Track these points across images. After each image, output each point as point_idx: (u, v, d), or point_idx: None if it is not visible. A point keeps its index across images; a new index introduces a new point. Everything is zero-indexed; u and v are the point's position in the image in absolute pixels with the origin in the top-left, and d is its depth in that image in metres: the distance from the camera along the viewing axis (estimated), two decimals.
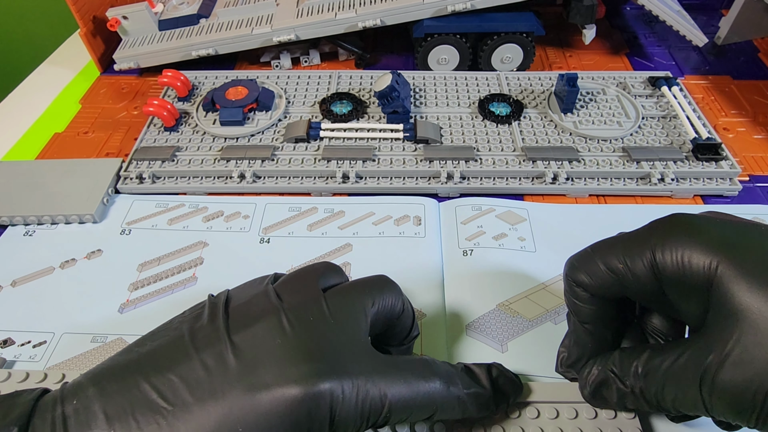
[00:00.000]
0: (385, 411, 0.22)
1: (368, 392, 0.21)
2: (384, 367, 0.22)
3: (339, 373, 0.21)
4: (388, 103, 0.45)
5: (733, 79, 0.53)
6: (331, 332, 0.22)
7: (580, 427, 0.26)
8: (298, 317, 0.22)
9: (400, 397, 0.22)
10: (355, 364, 0.22)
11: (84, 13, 0.52)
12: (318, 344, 0.21)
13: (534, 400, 0.27)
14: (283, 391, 0.20)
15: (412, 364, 0.24)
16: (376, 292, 0.25)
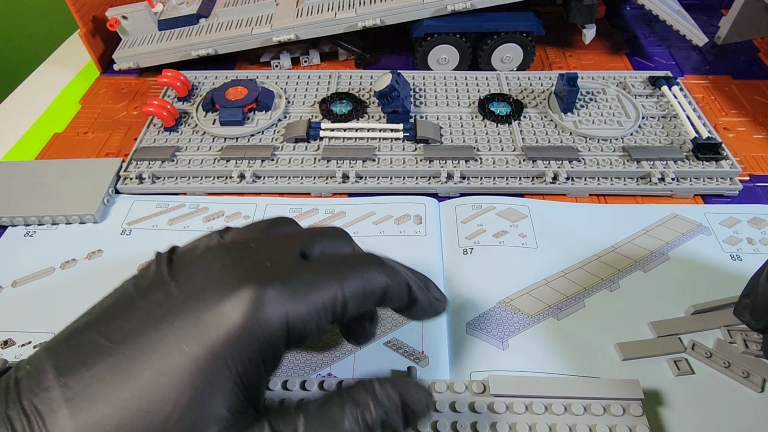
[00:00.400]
0: (339, 301, 0.22)
1: (314, 288, 0.21)
2: (328, 264, 0.23)
3: (281, 278, 0.21)
4: (388, 102, 0.45)
5: (733, 78, 0.53)
6: (271, 249, 0.23)
7: (588, 424, 0.26)
8: (240, 246, 0.23)
9: (350, 287, 0.22)
10: (296, 267, 0.22)
11: (84, 13, 0.52)
12: (259, 261, 0.22)
13: (541, 395, 0.27)
14: (226, 305, 0.20)
15: (354, 257, 0.24)
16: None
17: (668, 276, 0.35)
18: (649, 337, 0.32)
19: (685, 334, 0.32)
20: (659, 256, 0.36)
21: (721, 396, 0.29)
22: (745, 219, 0.39)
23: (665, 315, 0.33)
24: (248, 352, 0.20)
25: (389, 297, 0.24)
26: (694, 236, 0.38)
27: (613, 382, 0.28)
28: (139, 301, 0.21)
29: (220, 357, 0.19)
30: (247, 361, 0.20)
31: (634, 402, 0.27)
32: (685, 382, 0.30)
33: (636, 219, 0.39)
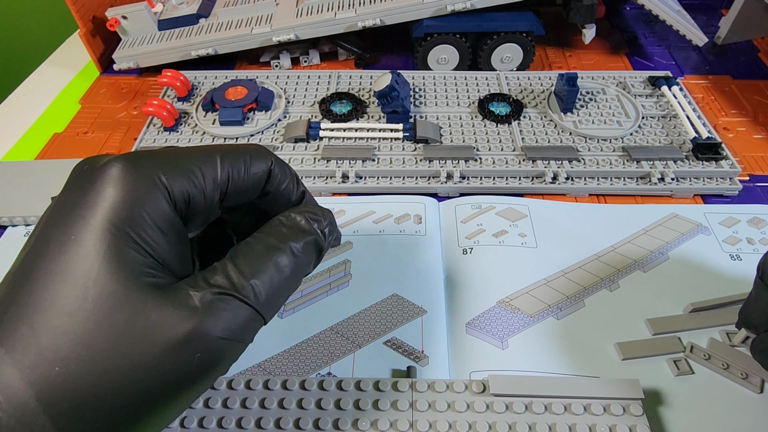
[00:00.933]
0: (218, 166, 0.22)
1: (187, 154, 0.22)
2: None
3: (150, 152, 0.21)
4: (387, 102, 0.45)
5: (733, 78, 0.53)
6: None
7: (588, 423, 0.26)
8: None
9: (230, 155, 0.22)
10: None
11: (83, 13, 0.52)
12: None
13: (541, 395, 0.27)
14: (95, 183, 0.20)
15: (228, 145, 0.24)
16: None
17: (668, 276, 0.35)
18: (647, 335, 0.32)
19: (682, 332, 0.32)
20: (659, 256, 0.36)
21: (720, 396, 0.29)
22: (745, 219, 0.39)
23: (665, 314, 0.33)
24: (136, 219, 0.19)
25: (275, 177, 0.24)
26: (694, 236, 0.38)
27: (613, 381, 0.28)
28: (32, 232, 0.21)
29: (107, 230, 0.19)
30: (140, 229, 0.19)
31: (634, 402, 0.27)
32: (684, 382, 0.30)
33: (636, 219, 0.39)
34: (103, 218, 0.19)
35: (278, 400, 0.27)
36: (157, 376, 0.18)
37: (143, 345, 0.18)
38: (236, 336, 0.20)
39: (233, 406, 0.27)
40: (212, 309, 0.19)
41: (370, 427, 0.27)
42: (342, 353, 0.31)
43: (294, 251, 0.22)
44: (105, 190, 0.19)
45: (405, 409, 0.27)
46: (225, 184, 0.22)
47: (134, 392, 0.18)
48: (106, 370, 0.18)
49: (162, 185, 0.20)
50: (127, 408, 0.18)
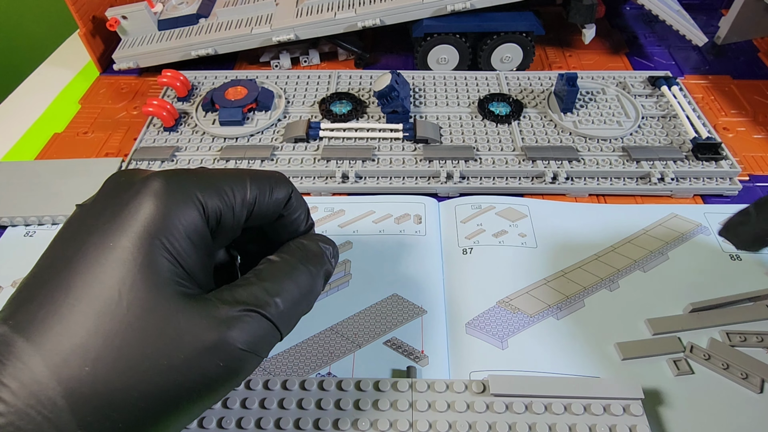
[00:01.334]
0: (249, 189, 0.23)
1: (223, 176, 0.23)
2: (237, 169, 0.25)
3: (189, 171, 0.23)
4: (387, 102, 0.45)
5: (732, 78, 0.53)
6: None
7: (588, 423, 0.26)
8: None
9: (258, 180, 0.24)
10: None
11: (83, 13, 0.52)
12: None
13: (541, 395, 0.27)
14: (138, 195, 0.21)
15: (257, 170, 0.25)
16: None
17: (668, 276, 0.35)
18: (647, 335, 0.32)
19: (682, 332, 0.32)
20: (659, 256, 0.36)
21: (720, 396, 0.29)
22: None
23: (665, 314, 0.33)
24: (171, 230, 0.20)
25: (292, 205, 0.25)
26: (694, 236, 0.38)
27: (614, 381, 0.28)
28: (59, 235, 0.22)
29: (145, 239, 0.20)
30: (175, 240, 0.20)
31: (635, 401, 0.27)
32: (684, 382, 0.30)
33: (635, 219, 0.39)
34: (142, 229, 0.20)
35: (278, 400, 0.27)
36: (181, 381, 0.19)
37: (172, 350, 0.19)
38: (256, 349, 0.21)
39: (233, 407, 0.27)
40: (237, 321, 0.20)
41: (370, 427, 0.27)
42: (342, 353, 0.31)
43: (312, 274, 0.24)
44: (145, 203, 0.21)
45: (405, 409, 0.27)
46: (251, 205, 0.23)
47: (159, 395, 0.19)
48: (134, 373, 0.18)
49: (198, 201, 0.22)
50: (150, 410, 0.19)
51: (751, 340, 0.31)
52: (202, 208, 0.22)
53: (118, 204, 0.21)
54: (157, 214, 0.20)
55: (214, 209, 0.22)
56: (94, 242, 0.20)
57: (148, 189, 0.21)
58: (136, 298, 0.19)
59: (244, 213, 0.23)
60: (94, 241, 0.20)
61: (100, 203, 0.22)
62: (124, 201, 0.21)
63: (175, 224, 0.21)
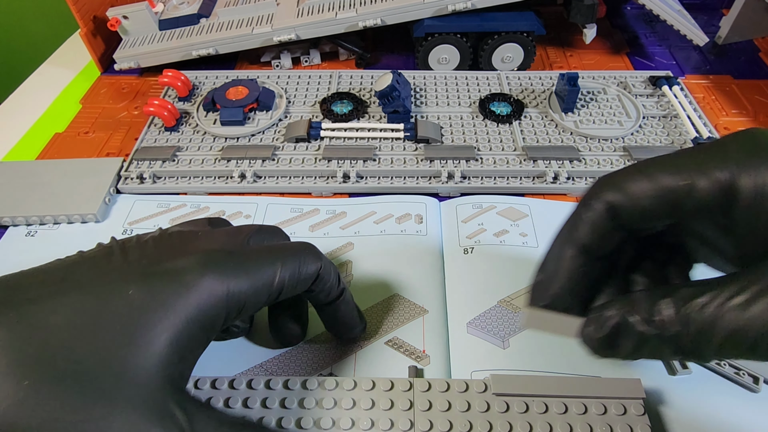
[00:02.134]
0: (278, 279, 0.24)
1: (255, 267, 0.23)
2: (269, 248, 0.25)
3: (226, 255, 0.23)
4: (388, 102, 0.45)
5: (733, 78, 0.53)
6: (219, 236, 0.25)
7: (589, 422, 0.26)
8: (187, 233, 0.25)
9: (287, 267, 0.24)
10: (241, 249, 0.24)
11: (84, 13, 0.53)
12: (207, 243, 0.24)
13: (542, 394, 0.27)
14: (174, 271, 0.22)
15: (292, 243, 0.26)
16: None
17: None
18: None
19: None
20: None
21: (721, 395, 0.29)
22: None
23: None
24: (188, 316, 0.21)
25: (321, 279, 0.26)
26: None
27: (615, 381, 0.28)
28: (85, 262, 0.22)
29: (160, 309, 0.20)
30: (185, 323, 0.21)
31: (636, 401, 0.27)
32: (684, 382, 0.30)
33: None
34: (162, 303, 0.21)
35: (280, 399, 0.27)
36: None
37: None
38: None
39: (235, 406, 0.27)
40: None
41: (371, 426, 0.27)
42: (343, 353, 0.31)
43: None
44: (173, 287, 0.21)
45: (406, 409, 0.27)
46: (278, 290, 0.24)
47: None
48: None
49: (225, 301, 0.22)
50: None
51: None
52: (227, 302, 0.22)
53: (152, 267, 0.22)
54: (179, 297, 0.21)
55: (239, 297, 0.23)
56: (114, 283, 0.21)
57: (186, 261, 0.22)
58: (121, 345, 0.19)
59: (269, 298, 0.24)
60: (113, 281, 0.21)
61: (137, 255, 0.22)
62: (156, 268, 0.22)
63: (193, 313, 0.21)
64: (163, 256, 0.22)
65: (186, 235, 0.24)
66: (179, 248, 0.23)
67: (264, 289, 0.23)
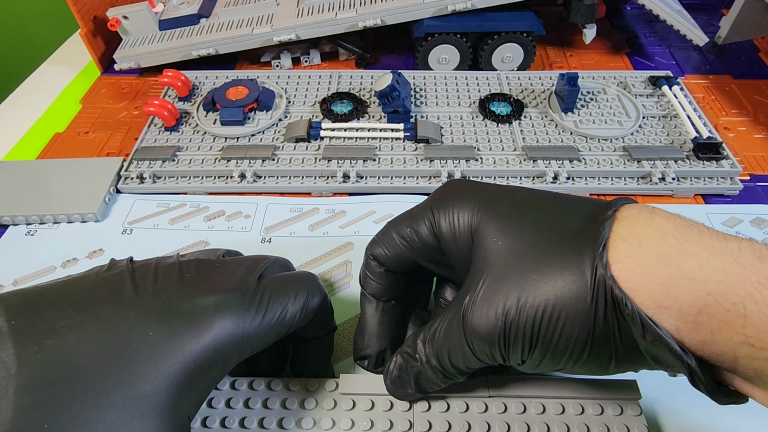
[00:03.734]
0: (288, 317, 0.24)
1: (269, 308, 0.24)
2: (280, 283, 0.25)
3: (244, 296, 0.24)
4: (388, 102, 0.45)
5: (733, 78, 0.53)
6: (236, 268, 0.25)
7: (586, 423, 0.26)
8: (205, 262, 0.25)
9: (296, 303, 0.25)
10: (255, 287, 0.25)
11: (84, 13, 0.53)
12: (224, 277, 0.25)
13: (539, 395, 0.27)
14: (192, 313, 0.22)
15: (299, 274, 0.27)
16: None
17: None
18: None
19: None
20: None
21: None
22: (747, 219, 0.39)
23: None
24: (203, 357, 0.22)
25: (321, 312, 0.27)
26: None
27: (612, 382, 0.28)
28: (103, 289, 0.22)
29: (179, 350, 0.21)
30: (200, 364, 0.21)
31: (633, 402, 0.27)
32: (683, 382, 0.29)
33: None
34: (178, 344, 0.21)
35: (281, 400, 0.28)
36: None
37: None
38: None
39: (236, 406, 0.27)
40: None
41: (371, 426, 0.27)
42: (343, 354, 0.31)
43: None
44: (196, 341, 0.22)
45: (405, 410, 0.27)
46: (288, 328, 0.25)
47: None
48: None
49: (242, 340, 0.23)
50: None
51: None
52: (242, 341, 0.23)
53: (172, 306, 0.22)
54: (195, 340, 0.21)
55: (252, 340, 0.23)
56: (132, 315, 0.21)
57: (206, 302, 0.22)
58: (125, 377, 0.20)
59: (278, 336, 0.25)
60: (131, 313, 0.21)
61: (155, 286, 0.23)
62: (176, 306, 0.22)
63: (207, 354, 0.22)
64: (181, 293, 0.23)
65: (203, 268, 0.24)
66: (197, 285, 0.23)
67: (275, 329, 0.24)
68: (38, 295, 0.22)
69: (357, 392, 0.28)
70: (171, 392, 0.20)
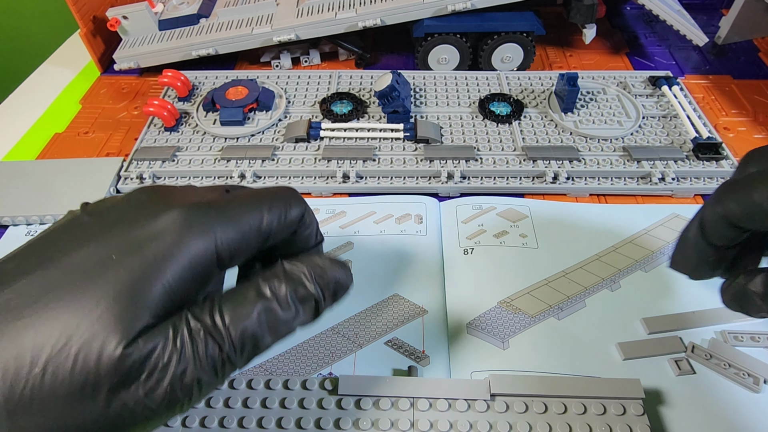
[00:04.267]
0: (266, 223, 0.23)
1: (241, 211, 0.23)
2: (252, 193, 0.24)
3: (209, 203, 0.22)
4: (388, 102, 0.45)
5: (733, 78, 0.53)
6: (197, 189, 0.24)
7: (588, 423, 0.26)
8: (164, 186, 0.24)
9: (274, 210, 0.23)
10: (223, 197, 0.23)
11: (84, 13, 0.52)
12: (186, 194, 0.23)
13: (542, 395, 0.27)
14: (156, 222, 0.21)
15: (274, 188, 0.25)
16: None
17: (669, 276, 0.35)
18: (644, 333, 0.32)
19: (679, 331, 0.32)
20: (660, 256, 0.36)
21: (721, 396, 0.29)
22: None
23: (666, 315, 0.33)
24: (178, 267, 0.20)
25: (305, 222, 0.25)
26: None
27: (614, 381, 0.28)
28: (62, 233, 0.21)
29: (148, 267, 0.20)
30: (178, 275, 0.20)
31: (635, 401, 0.27)
32: (686, 382, 0.30)
33: (636, 219, 0.39)
34: (151, 259, 0.20)
35: (280, 399, 0.28)
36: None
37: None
38: (203, 378, 0.20)
39: (235, 406, 0.27)
40: (187, 345, 0.20)
41: (372, 426, 0.27)
42: (343, 353, 0.31)
43: (282, 305, 0.22)
44: (160, 235, 0.20)
45: (406, 409, 0.27)
46: (267, 234, 0.23)
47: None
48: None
49: (214, 240, 0.21)
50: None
51: (746, 340, 0.31)
52: (216, 245, 0.21)
53: (134, 222, 0.21)
54: (168, 248, 0.20)
55: (229, 245, 0.22)
56: (97, 248, 0.20)
57: (167, 220, 0.21)
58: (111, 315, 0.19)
59: (258, 243, 0.23)
60: (96, 247, 0.20)
61: (114, 214, 0.21)
62: (139, 222, 0.21)
63: (183, 262, 0.20)
64: (141, 216, 0.21)
65: (162, 192, 0.23)
66: (157, 206, 0.21)
67: (252, 234, 0.22)
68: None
69: (357, 392, 0.28)
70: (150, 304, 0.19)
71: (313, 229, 0.26)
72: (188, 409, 0.20)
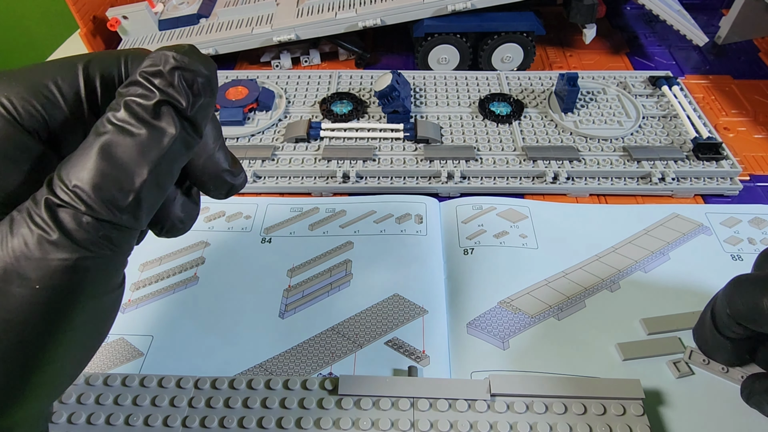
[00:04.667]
0: (81, 65, 0.19)
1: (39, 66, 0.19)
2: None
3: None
4: (388, 102, 0.45)
5: (733, 78, 0.53)
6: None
7: (589, 423, 0.27)
8: None
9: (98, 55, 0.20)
10: None
11: (84, 13, 0.52)
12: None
13: (542, 395, 0.27)
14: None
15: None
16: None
17: (669, 276, 0.35)
18: (643, 334, 0.32)
19: (677, 332, 0.32)
20: (660, 257, 0.36)
21: (720, 397, 0.29)
22: (746, 219, 0.39)
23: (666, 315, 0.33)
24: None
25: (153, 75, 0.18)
26: (695, 236, 0.38)
27: (614, 381, 0.28)
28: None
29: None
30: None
31: (635, 402, 0.27)
32: (685, 383, 0.30)
33: (636, 219, 0.39)
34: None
35: (280, 399, 0.28)
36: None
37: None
38: (86, 245, 0.16)
39: (235, 406, 0.27)
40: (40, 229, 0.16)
41: (372, 426, 0.27)
42: (343, 353, 0.31)
43: (126, 131, 0.17)
44: None
45: (406, 409, 0.27)
46: (94, 94, 0.19)
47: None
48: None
49: (3, 108, 0.18)
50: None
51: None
52: (11, 114, 0.18)
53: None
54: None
55: (30, 112, 0.18)
56: None
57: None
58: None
59: (83, 107, 0.19)
60: None
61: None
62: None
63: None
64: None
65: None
66: None
67: (68, 96, 0.19)
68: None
69: (358, 392, 0.28)
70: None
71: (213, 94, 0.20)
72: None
